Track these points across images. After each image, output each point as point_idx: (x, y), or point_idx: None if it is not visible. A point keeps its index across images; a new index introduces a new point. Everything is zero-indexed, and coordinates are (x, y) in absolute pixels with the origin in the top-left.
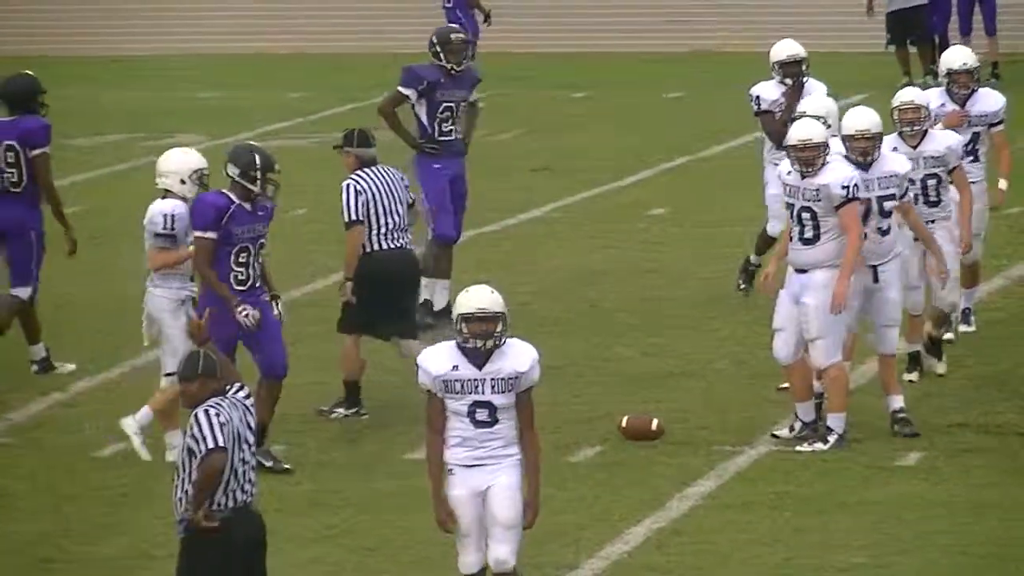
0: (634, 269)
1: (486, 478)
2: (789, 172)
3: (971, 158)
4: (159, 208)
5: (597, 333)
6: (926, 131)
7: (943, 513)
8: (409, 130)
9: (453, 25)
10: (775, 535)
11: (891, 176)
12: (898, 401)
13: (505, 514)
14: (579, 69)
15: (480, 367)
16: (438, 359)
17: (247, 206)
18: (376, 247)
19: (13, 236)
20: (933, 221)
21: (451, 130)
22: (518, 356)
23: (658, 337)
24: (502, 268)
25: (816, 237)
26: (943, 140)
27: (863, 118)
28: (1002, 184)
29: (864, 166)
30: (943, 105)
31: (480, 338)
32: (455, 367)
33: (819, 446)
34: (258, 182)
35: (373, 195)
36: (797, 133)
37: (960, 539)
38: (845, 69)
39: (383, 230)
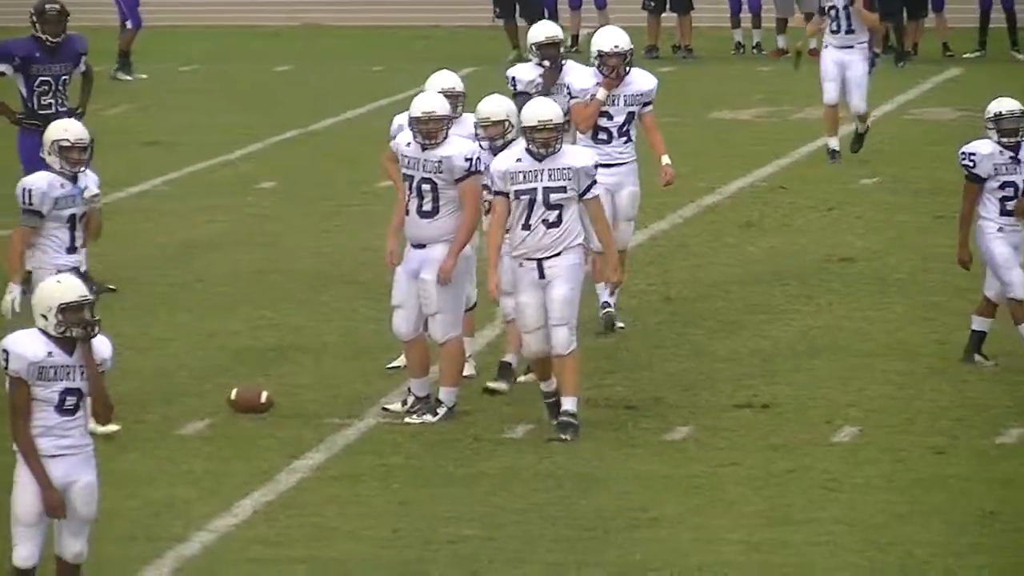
0: (243, 242)
1: (70, 470)
2: (409, 144)
3: (624, 139)
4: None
5: (204, 306)
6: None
7: (551, 485)
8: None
9: None
10: (383, 507)
11: (565, 169)
12: (569, 402)
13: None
14: (185, 41)
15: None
16: (31, 345)
17: None
18: None
19: None
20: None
21: (50, 103)
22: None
23: (267, 310)
24: (111, 241)
25: (435, 211)
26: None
27: (546, 109)
28: (666, 160)
29: (538, 157)
30: (597, 84)
31: (77, 326)
32: (50, 353)
33: (428, 418)
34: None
35: None
36: (420, 105)
37: (567, 511)
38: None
39: None
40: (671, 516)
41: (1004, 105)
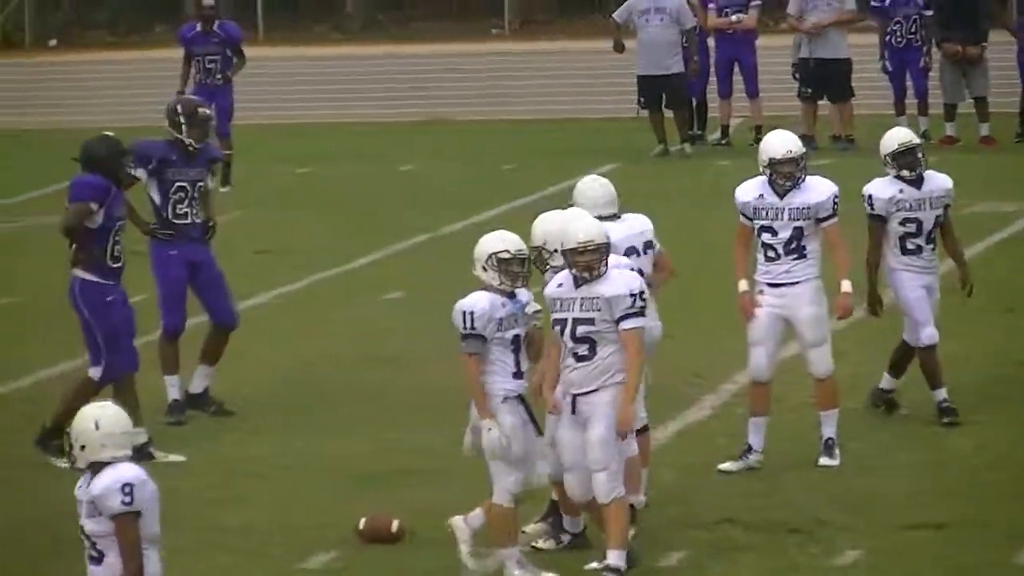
0: (367, 358)
1: None
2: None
3: (794, 256)
4: None
5: (324, 429)
6: None
7: None
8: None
9: (195, 97)
10: None
11: (595, 299)
12: (614, 556)
13: None
14: (297, 139)
15: None
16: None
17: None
18: None
19: None
20: None
21: (186, 212)
22: None
23: (394, 431)
24: (223, 359)
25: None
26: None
27: (588, 226)
28: (846, 286)
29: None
30: (761, 196)
31: None
32: None
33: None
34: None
35: None
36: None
37: None
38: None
39: None
40: None
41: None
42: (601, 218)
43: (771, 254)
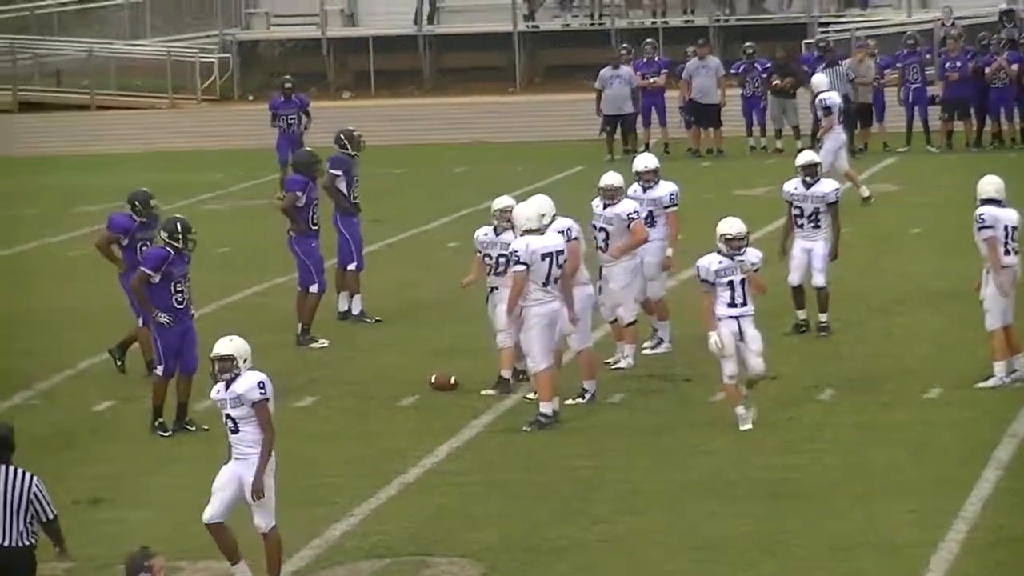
0: (432, 283)
1: None
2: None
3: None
4: None
5: (413, 321)
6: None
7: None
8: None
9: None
10: (536, 452)
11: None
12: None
13: None
14: (396, 155)
15: None
16: None
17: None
18: None
19: None
20: None
21: (358, 199)
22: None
23: (459, 325)
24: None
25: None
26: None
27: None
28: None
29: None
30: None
31: None
32: None
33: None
34: (181, 240)
35: None
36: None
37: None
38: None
39: None
40: None
41: (730, 228)
42: (530, 231)
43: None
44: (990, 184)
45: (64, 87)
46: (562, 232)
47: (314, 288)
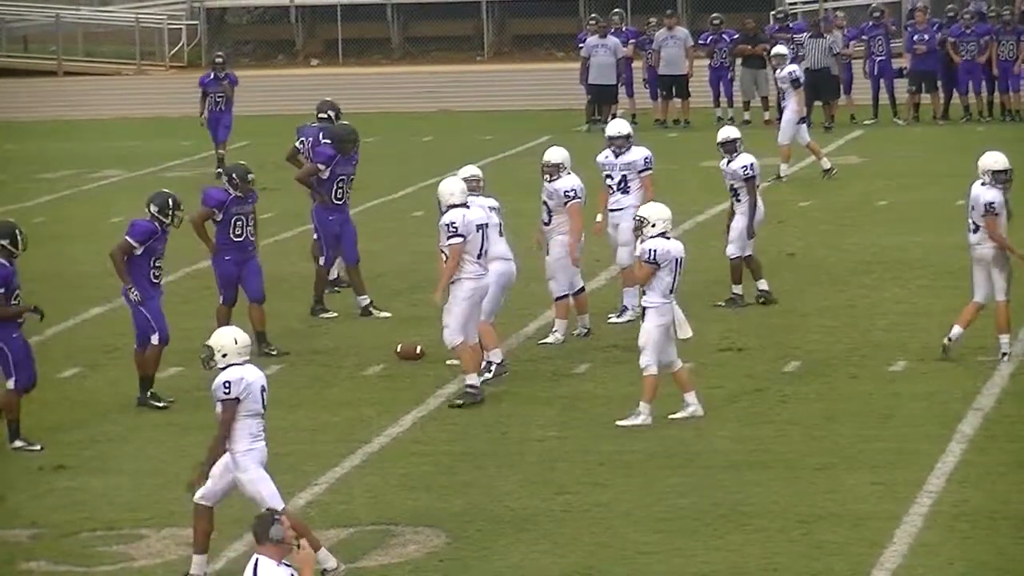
0: (400, 248)
1: None
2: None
3: (622, 192)
4: None
5: (384, 293)
6: None
7: None
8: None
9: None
10: (492, 419)
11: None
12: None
13: None
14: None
15: None
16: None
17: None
18: None
19: None
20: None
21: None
22: None
23: (419, 294)
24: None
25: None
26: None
27: None
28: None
29: None
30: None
31: None
32: None
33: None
34: (169, 216)
35: None
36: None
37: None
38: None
39: None
40: None
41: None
42: (454, 206)
43: None
44: (990, 158)
45: (31, 53)
46: (488, 209)
47: (323, 261)
